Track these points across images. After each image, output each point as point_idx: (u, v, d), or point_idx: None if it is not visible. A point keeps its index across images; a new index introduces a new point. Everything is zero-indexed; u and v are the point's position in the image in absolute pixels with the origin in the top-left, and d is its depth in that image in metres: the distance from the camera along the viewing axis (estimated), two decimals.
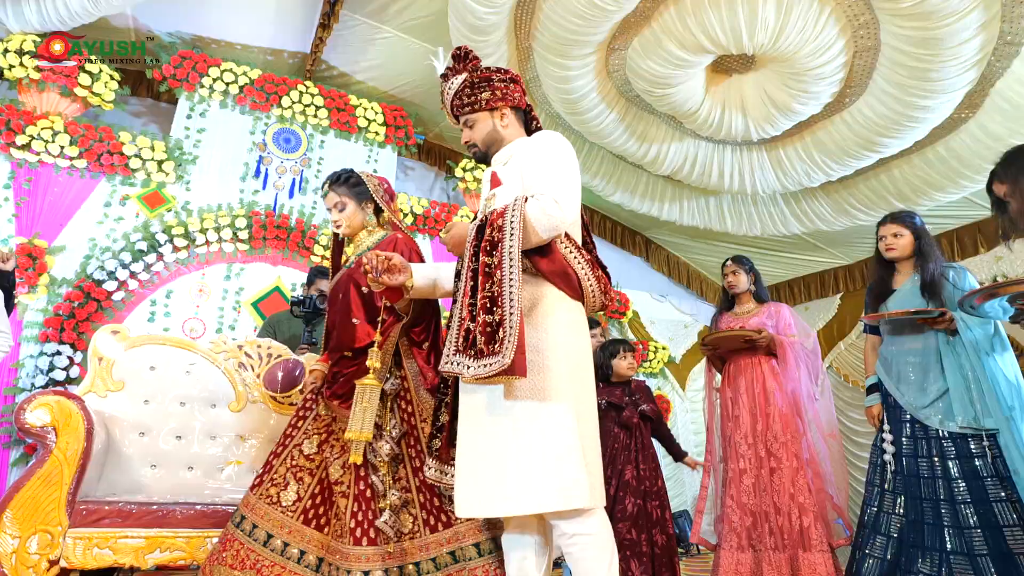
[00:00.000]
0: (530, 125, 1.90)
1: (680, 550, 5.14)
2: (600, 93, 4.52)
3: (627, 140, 4.91)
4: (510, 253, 1.52)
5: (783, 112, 4.12)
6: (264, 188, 4.77)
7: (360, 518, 1.89)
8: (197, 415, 2.77)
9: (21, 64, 4.05)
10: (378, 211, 2.29)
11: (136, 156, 4.25)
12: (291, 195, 4.88)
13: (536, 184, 1.64)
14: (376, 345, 1.89)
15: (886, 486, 2.55)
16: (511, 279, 1.50)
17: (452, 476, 1.63)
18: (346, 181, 2.25)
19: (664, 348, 6.16)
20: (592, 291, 1.67)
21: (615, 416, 3.06)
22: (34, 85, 4.12)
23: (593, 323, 3.96)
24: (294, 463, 2.04)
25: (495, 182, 1.77)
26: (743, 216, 5.52)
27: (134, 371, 2.73)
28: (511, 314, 1.46)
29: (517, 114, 1.85)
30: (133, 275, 4.07)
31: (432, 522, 1.91)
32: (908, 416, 2.49)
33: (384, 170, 5.33)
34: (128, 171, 4.25)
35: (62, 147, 4.02)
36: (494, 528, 1.93)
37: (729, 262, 3.46)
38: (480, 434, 1.54)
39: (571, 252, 1.66)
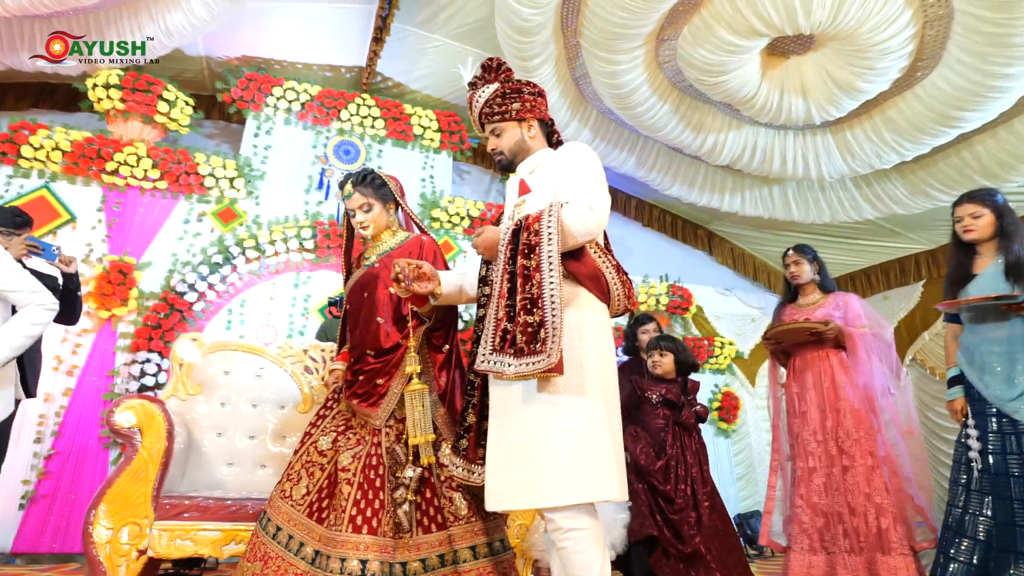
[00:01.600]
0: (551, 137, 1.96)
1: (753, 552, 4.99)
2: (651, 86, 4.44)
3: (682, 132, 4.80)
4: (549, 256, 1.57)
5: (847, 92, 3.92)
6: (327, 199, 4.98)
7: (363, 506, 1.88)
8: (268, 416, 2.93)
9: (108, 96, 4.42)
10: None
11: (210, 175, 4.54)
12: None
13: (569, 191, 1.70)
14: (411, 350, 1.93)
15: (972, 485, 2.38)
16: (551, 281, 1.55)
17: (479, 475, 1.68)
18: (371, 182, 2.19)
19: (731, 343, 5.98)
20: (618, 294, 1.72)
21: (672, 414, 2.99)
22: (120, 115, 4.48)
23: (647, 318, 3.90)
24: (308, 458, 2.03)
25: (524, 189, 1.82)
26: (810, 203, 5.27)
27: (211, 376, 2.93)
28: (553, 314, 1.52)
29: (542, 126, 1.93)
30: (211, 286, 4.35)
31: (426, 523, 1.91)
32: (994, 410, 2.32)
33: (440, 175, 5.45)
34: (204, 189, 4.54)
35: (145, 171, 4.36)
36: (495, 532, 1.95)
37: (791, 252, 3.31)
38: (514, 430, 1.57)
39: (599, 256, 1.72)
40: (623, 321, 5.56)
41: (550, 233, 1.59)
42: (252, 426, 2.87)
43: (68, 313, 3.09)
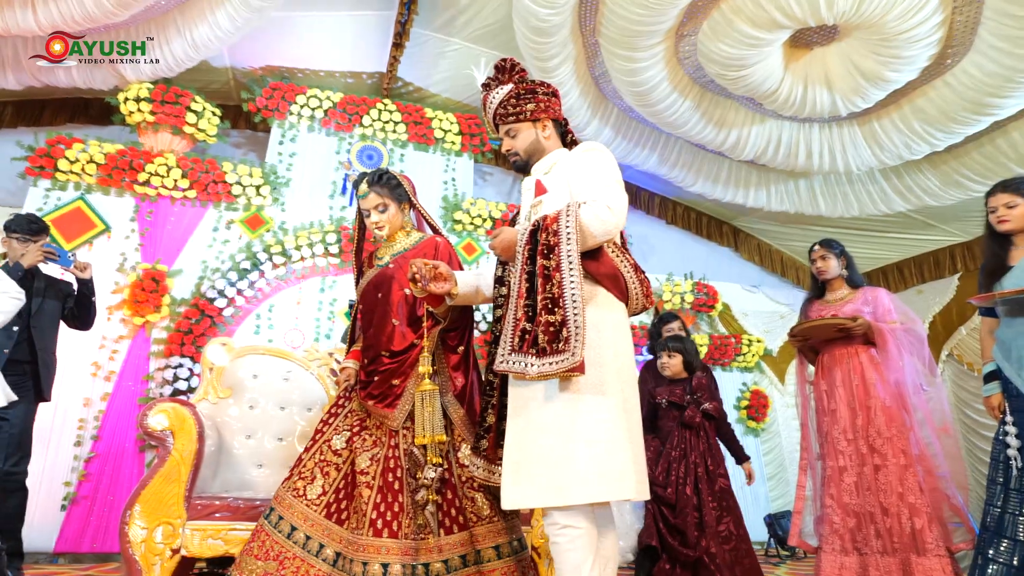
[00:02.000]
0: (565, 137, 1.96)
1: (785, 553, 4.90)
2: (671, 82, 4.40)
3: (704, 127, 4.75)
4: (568, 256, 1.57)
5: (873, 82, 3.83)
6: (351, 204, 5.05)
7: (383, 509, 1.88)
8: (296, 418, 2.98)
9: (139, 110, 4.55)
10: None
11: (237, 183, 4.64)
12: None
13: (587, 191, 1.70)
14: (425, 350, 1.93)
15: (1011, 484, 2.30)
16: (571, 281, 1.55)
17: (500, 475, 1.68)
18: (387, 182, 2.18)
19: (759, 341, 5.88)
20: (636, 293, 1.72)
21: (677, 415, 2.97)
22: (150, 127, 4.61)
23: (672, 317, 3.87)
24: (322, 458, 2.02)
25: (540, 190, 1.82)
26: (838, 197, 5.17)
27: (240, 379, 2.99)
28: (575, 314, 1.52)
29: (556, 126, 1.93)
30: (240, 292, 4.45)
31: (448, 524, 1.92)
32: None
33: (462, 177, 5.49)
34: (231, 197, 4.65)
35: (175, 181, 4.48)
36: (515, 531, 1.96)
37: (816, 247, 3.25)
38: (532, 429, 1.57)
39: (617, 256, 1.72)
40: (647, 319, 5.53)
41: (568, 233, 1.59)
42: (280, 428, 2.93)
43: (83, 318, 3.17)
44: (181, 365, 4.14)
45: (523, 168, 1.94)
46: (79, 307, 3.14)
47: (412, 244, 2.21)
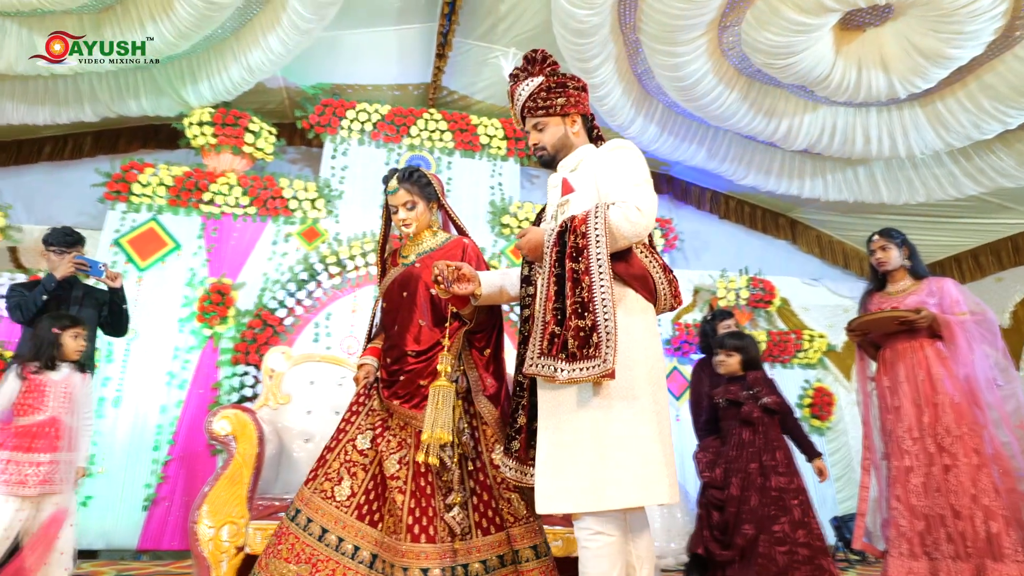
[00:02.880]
0: (591, 132, 1.93)
1: (854, 556, 4.69)
2: (716, 74, 4.31)
3: (753, 118, 4.61)
4: (597, 259, 1.55)
5: (934, 61, 3.63)
6: None
7: (418, 515, 1.86)
8: None
9: (202, 133, 4.84)
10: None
11: (293, 198, 4.85)
12: None
13: (616, 191, 1.67)
14: (446, 349, 1.92)
15: None
16: (601, 284, 1.53)
17: (532, 476, 1.68)
18: (418, 180, 2.15)
19: (821, 336, 5.66)
20: (664, 293, 1.70)
21: (736, 413, 2.89)
22: (212, 149, 4.89)
23: (726, 314, 3.78)
24: (347, 458, 2.00)
25: (567, 188, 1.80)
26: (901, 183, 4.91)
27: (298, 386, 3.14)
28: (605, 318, 1.50)
29: (584, 121, 1.90)
30: (299, 302, 4.65)
31: (485, 524, 1.92)
32: None
33: (508, 182, 5.54)
34: (288, 212, 4.86)
35: (237, 198, 4.73)
36: (540, 535, 1.96)
37: (876, 237, 3.11)
38: (564, 434, 1.57)
39: (646, 256, 1.70)
40: (698, 317, 5.42)
41: (598, 235, 1.57)
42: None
43: (115, 325, 3.27)
44: (247, 373, 4.36)
45: (549, 163, 1.91)
46: (112, 315, 3.23)
47: (439, 244, 2.19)
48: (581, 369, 1.48)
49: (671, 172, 6.15)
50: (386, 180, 2.19)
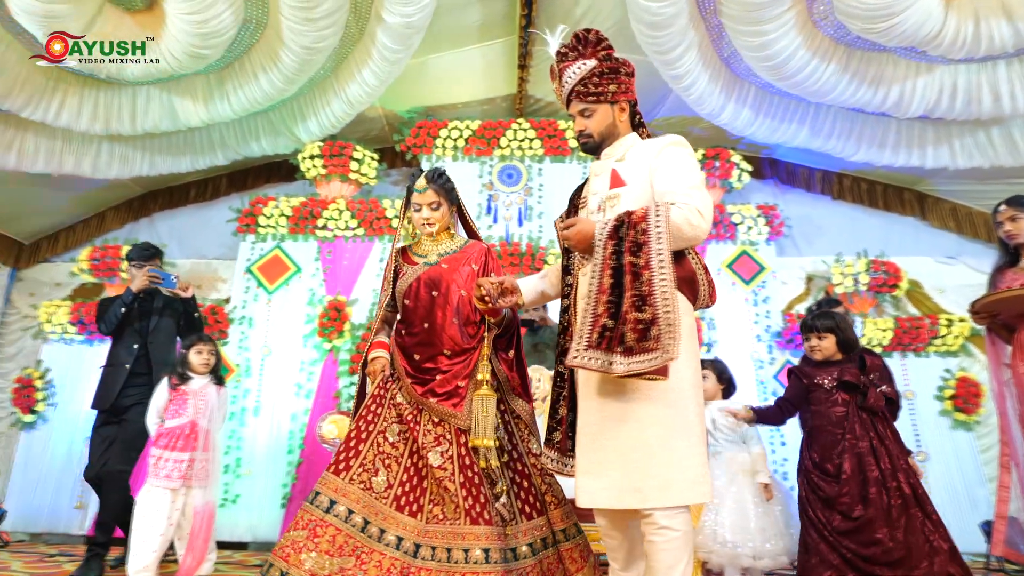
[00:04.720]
0: (635, 119, 1.91)
1: (1012, 566, 4.14)
2: (809, 48, 4.05)
3: (857, 89, 4.27)
4: (659, 254, 1.56)
5: None
6: (495, 222, 5.38)
7: (472, 502, 1.95)
8: None
9: (314, 165, 5.33)
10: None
11: (396, 217, 5.19)
12: (519, 223, 5.41)
13: (673, 191, 1.67)
14: (485, 358, 2.06)
15: None
16: (662, 279, 1.53)
17: (573, 467, 1.72)
18: (445, 182, 2.22)
19: (961, 320, 5.07)
20: (704, 294, 1.72)
21: (853, 398, 2.65)
22: (323, 179, 5.37)
23: (835, 302, 3.56)
24: (380, 450, 2.05)
25: (616, 181, 1.78)
26: None
27: None
28: (667, 311, 1.50)
29: (630, 109, 1.88)
30: None
31: (528, 511, 2.05)
32: None
33: None
34: (392, 231, 5.21)
35: (346, 222, 5.16)
36: (572, 516, 2.10)
37: (1003, 207, 2.80)
38: (609, 429, 1.59)
39: (694, 259, 1.72)
40: (801, 308, 5.07)
41: (660, 232, 1.57)
42: None
43: (189, 331, 3.40)
44: None
45: (594, 150, 1.88)
46: (186, 323, 3.44)
47: (460, 246, 2.27)
48: (639, 362, 1.48)
49: (773, 155, 5.82)
50: (414, 178, 2.26)
